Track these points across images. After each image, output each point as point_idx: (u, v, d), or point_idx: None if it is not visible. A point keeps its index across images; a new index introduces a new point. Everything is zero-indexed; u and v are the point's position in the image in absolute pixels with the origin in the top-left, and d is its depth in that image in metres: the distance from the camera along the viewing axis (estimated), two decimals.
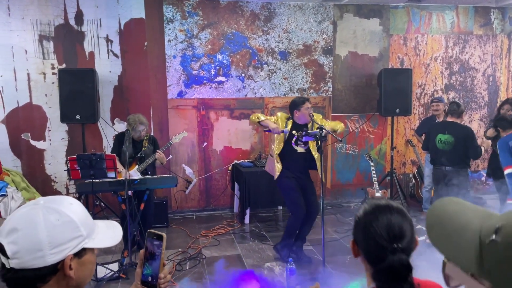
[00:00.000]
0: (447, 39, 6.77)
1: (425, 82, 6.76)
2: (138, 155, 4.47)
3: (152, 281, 1.13)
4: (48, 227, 1.01)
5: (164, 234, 1.12)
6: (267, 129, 4.36)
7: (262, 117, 4.35)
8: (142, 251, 1.15)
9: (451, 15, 6.73)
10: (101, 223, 1.18)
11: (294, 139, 4.26)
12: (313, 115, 4.16)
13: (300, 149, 4.31)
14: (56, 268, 1.02)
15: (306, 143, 4.28)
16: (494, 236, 0.69)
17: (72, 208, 1.08)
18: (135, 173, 4.37)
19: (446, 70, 6.81)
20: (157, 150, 4.54)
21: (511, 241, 0.67)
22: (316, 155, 4.24)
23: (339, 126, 4.42)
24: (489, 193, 6.48)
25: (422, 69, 6.72)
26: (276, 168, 4.31)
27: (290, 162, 4.33)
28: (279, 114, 4.45)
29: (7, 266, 0.99)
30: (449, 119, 4.70)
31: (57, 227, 1.02)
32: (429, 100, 6.55)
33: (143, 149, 4.52)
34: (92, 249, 1.10)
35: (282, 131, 4.23)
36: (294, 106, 4.30)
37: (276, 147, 4.32)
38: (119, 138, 4.60)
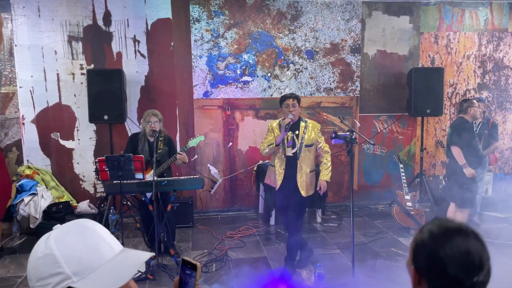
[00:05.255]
0: (481, 36, 6.53)
1: (457, 81, 6.55)
2: (154, 158, 4.16)
3: None
4: (33, 258, 0.96)
5: (198, 264, 1.03)
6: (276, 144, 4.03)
7: (266, 144, 4.07)
8: (176, 279, 1.07)
9: (485, 11, 6.49)
10: (119, 257, 1.01)
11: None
12: (306, 120, 4.12)
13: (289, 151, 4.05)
14: None
15: (294, 145, 4.03)
16: None
17: (65, 240, 0.96)
18: (150, 178, 4.23)
19: (479, 68, 6.57)
20: (178, 152, 4.37)
21: None
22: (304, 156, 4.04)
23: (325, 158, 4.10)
24: None
25: (453, 68, 6.51)
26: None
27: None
28: (274, 124, 4.17)
29: None
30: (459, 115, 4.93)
31: (39, 259, 0.95)
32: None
33: (158, 151, 4.34)
34: None
35: (285, 131, 3.91)
36: (279, 102, 4.14)
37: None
38: (132, 139, 4.49)
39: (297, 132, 4.01)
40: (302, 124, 4.06)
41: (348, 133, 3.64)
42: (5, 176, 4.63)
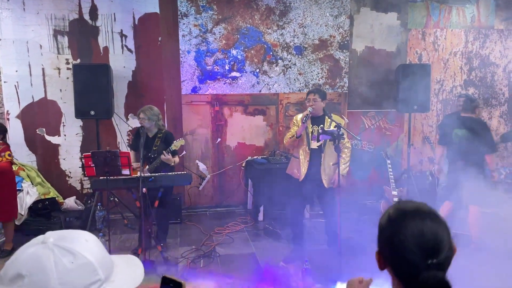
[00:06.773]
0: (467, 33, 6.59)
1: (444, 78, 6.60)
2: (149, 155, 4.35)
3: None
4: (61, 272, 0.85)
5: (183, 282, 0.97)
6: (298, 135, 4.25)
7: (288, 136, 4.31)
8: None
9: (472, 9, 6.55)
10: (119, 260, 1.02)
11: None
12: (331, 115, 4.11)
13: (314, 144, 4.24)
14: None
15: (319, 138, 4.20)
16: None
17: (88, 246, 0.91)
18: (147, 174, 4.28)
19: (465, 65, 6.64)
20: (163, 151, 4.26)
21: None
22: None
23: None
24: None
25: (440, 65, 6.56)
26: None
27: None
28: (298, 118, 4.37)
29: None
30: (463, 114, 4.72)
31: (71, 271, 0.86)
32: (456, 96, 6.39)
33: (154, 148, 4.40)
34: None
35: (304, 123, 4.14)
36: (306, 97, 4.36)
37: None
38: (137, 133, 4.58)
39: (321, 126, 4.16)
40: (327, 119, 4.22)
41: (335, 129, 3.65)
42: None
